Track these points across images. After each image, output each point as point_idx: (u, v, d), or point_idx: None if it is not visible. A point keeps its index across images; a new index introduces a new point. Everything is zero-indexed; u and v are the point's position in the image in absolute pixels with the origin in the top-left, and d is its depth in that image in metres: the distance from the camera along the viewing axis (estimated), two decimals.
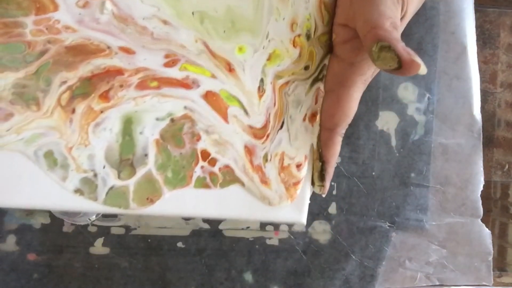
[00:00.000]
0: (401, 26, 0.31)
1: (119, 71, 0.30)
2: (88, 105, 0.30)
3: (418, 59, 0.25)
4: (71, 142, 0.29)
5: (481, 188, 0.47)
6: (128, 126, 0.30)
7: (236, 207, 0.32)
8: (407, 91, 0.45)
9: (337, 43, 0.33)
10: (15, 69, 0.29)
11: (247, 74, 0.32)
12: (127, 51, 0.30)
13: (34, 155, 0.29)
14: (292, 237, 0.45)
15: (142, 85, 0.30)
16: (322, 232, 0.46)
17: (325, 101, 0.34)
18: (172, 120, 0.31)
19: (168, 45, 0.31)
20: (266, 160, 0.33)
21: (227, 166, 0.32)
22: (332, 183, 0.45)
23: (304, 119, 0.34)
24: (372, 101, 0.45)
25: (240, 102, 0.32)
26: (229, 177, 0.32)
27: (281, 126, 0.33)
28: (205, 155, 0.31)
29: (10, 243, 0.43)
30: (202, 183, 0.31)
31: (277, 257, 0.45)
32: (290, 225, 0.45)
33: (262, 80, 0.33)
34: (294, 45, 0.33)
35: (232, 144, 0.32)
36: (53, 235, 0.43)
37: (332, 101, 0.33)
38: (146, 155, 0.30)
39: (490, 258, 0.48)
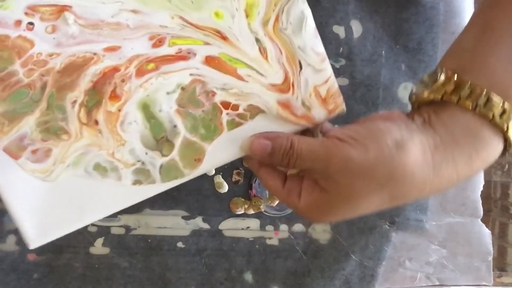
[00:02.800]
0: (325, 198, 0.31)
1: (115, 69, 0.32)
2: (105, 110, 0.32)
3: (245, 142, 0.33)
4: (110, 148, 0.32)
5: (481, 188, 0.47)
6: (147, 110, 0.33)
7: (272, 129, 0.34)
8: (407, 91, 0.45)
9: None
10: (30, 112, 0.32)
11: (242, 42, 0.33)
12: (113, 49, 0.32)
13: (85, 172, 0.32)
14: (292, 237, 0.45)
15: (140, 72, 0.32)
16: (322, 232, 0.46)
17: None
18: (183, 89, 0.33)
19: (148, 29, 0.32)
20: (309, 108, 0.34)
21: (250, 105, 0.33)
22: None
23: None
24: (372, 101, 0.45)
25: (249, 66, 0.33)
26: (255, 111, 0.34)
27: (300, 67, 0.34)
28: (226, 105, 0.33)
29: (10, 243, 0.43)
30: (233, 124, 0.33)
31: (277, 257, 0.45)
32: (290, 226, 0.45)
33: (257, 40, 0.34)
34: None
35: (259, 95, 0.34)
36: None
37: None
38: (175, 126, 0.33)
39: (490, 258, 0.48)
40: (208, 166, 0.33)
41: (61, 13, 0.31)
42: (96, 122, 0.32)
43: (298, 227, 0.45)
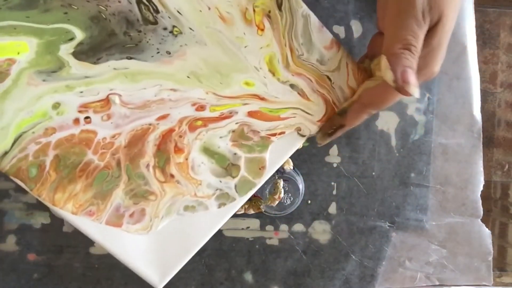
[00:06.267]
0: (436, 37, 0.33)
1: (170, 130, 0.37)
2: (175, 163, 0.37)
3: (410, 88, 0.31)
4: (191, 191, 0.38)
5: (481, 188, 0.47)
6: (209, 151, 0.38)
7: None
8: None
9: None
10: (116, 187, 0.37)
11: (281, 96, 0.38)
12: (163, 117, 0.37)
13: (178, 215, 0.38)
14: (292, 237, 0.45)
15: (192, 127, 0.38)
16: (322, 232, 0.46)
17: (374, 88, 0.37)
18: (233, 131, 0.38)
19: (188, 100, 0.37)
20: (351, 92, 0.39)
21: (296, 128, 0.39)
22: (332, 183, 0.45)
23: (327, 47, 0.38)
24: None
25: (293, 107, 0.38)
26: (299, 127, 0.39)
27: (329, 80, 0.38)
28: (273, 135, 0.39)
29: (10, 243, 0.43)
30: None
31: (277, 257, 0.45)
32: (290, 226, 0.45)
33: (292, 86, 0.38)
34: (261, 29, 0.37)
35: (305, 125, 0.39)
36: (53, 235, 0.43)
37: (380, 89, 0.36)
38: (235, 153, 0.38)
39: (490, 258, 0.48)
40: (272, 168, 0.39)
41: (110, 103, 0.36)
42: (172, 176, 0.37)
43: (298, 227, 0.45)
